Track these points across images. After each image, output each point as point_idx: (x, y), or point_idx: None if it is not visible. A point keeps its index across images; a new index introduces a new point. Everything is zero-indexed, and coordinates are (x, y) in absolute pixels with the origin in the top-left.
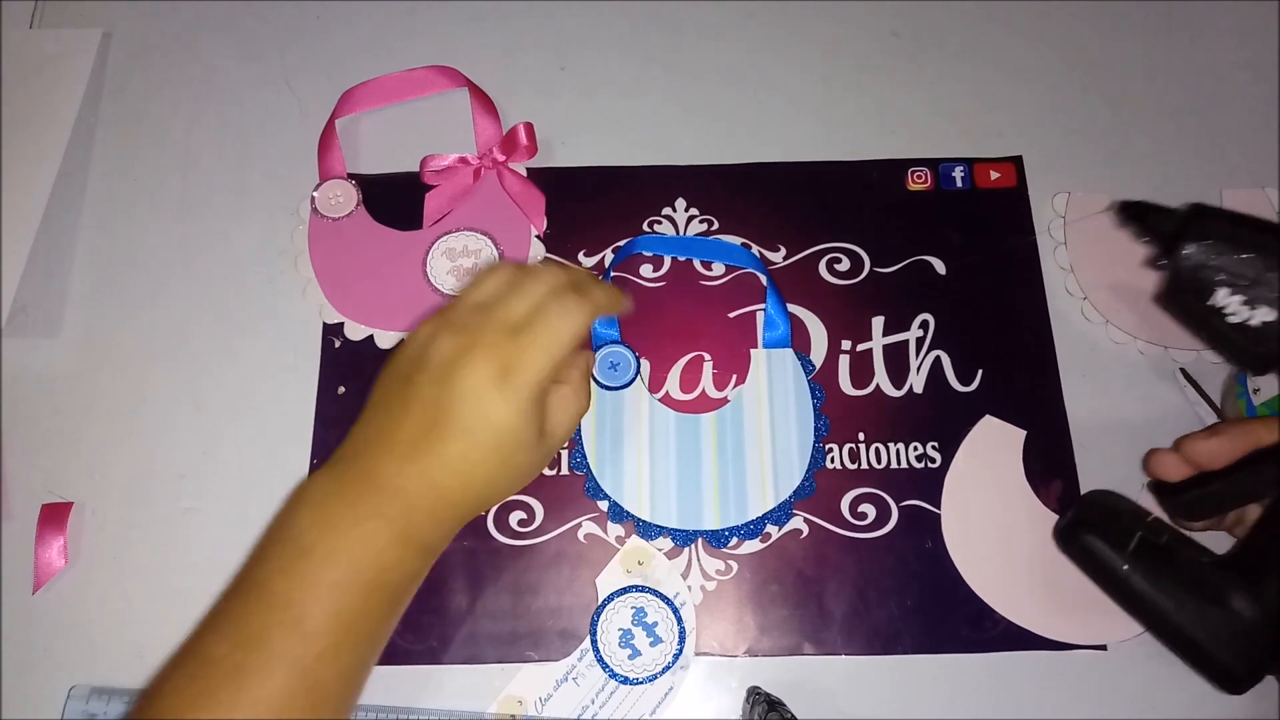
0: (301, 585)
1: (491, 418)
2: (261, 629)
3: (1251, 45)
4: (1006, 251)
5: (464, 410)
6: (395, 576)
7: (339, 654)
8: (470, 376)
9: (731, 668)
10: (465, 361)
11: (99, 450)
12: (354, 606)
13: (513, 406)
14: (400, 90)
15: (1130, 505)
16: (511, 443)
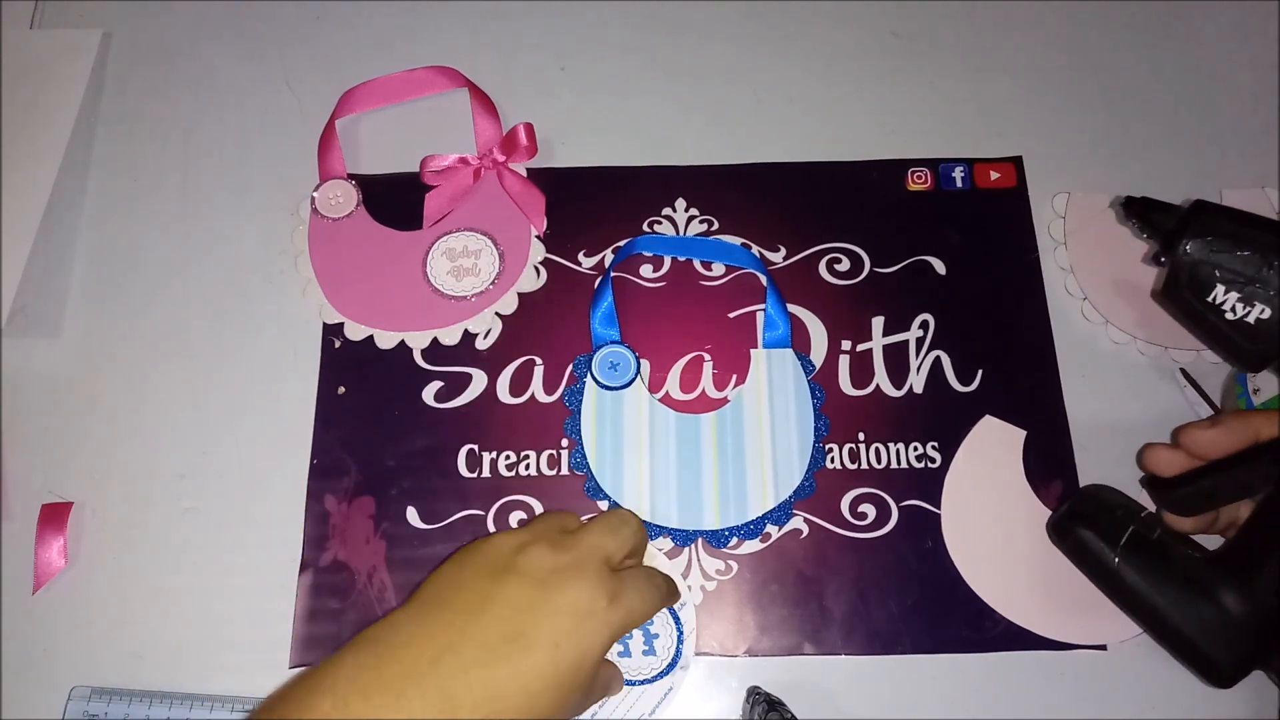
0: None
1: (583, 641)
2: None
3: (1251, 45)
4: (1009, 264)
5: (561, 624)
6: None
7: None
8: (576, 593)
9: (731, 668)
10: (573, 578)
11: (99, 450)
12: None
13: (603, 637)
14: (400, 90)
15: (1124, 500)
16: (586, 674)
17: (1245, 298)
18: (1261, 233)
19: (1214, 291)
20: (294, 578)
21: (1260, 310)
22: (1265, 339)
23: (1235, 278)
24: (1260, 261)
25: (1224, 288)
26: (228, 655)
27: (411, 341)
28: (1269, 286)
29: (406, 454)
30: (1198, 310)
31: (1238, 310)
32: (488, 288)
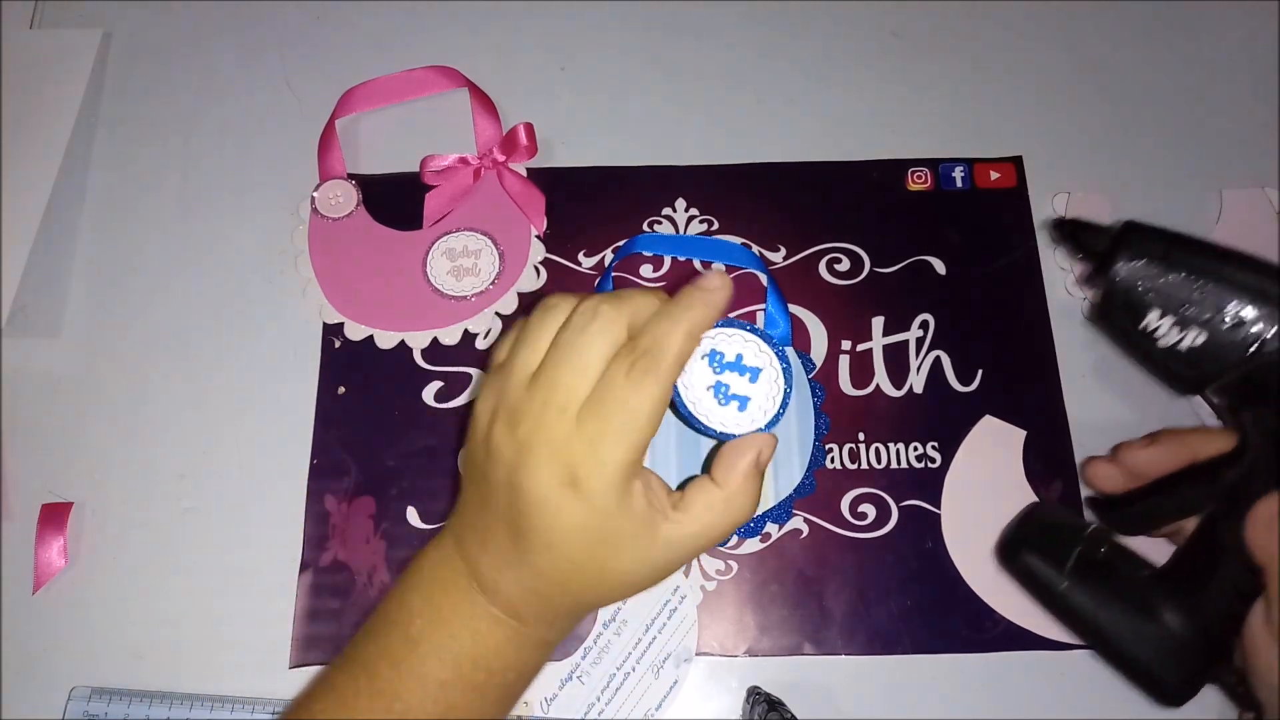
0: (409, 679)
1: (571, 527)
2: (365, 715)
3: (1251, 45)
4: (1007, 261)
5: (540, 524)
6: (503, 677)
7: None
8: (536, 486)
9: (731, 668)
10: (527, 465)
11: (99, 450)
12: (461, 702)
13: (593, 510)
14: (400, 90)
15: (1069, 518)
16: (608, 544)
17: (1179, 322)
18: (1195, 255)
19: (1147, 317)
20: (294, 578)
21: (1194, 336)
22: (1198, 366)
23: (1168, 302)
24: (1194, 285)
25: (1158, 312)
26: (228, 655)
27: (411, 341)
28: (1202, 311)
29: (406, 454)
30: (1131, 336)
31: (1171, 336)
32: (488, 287)
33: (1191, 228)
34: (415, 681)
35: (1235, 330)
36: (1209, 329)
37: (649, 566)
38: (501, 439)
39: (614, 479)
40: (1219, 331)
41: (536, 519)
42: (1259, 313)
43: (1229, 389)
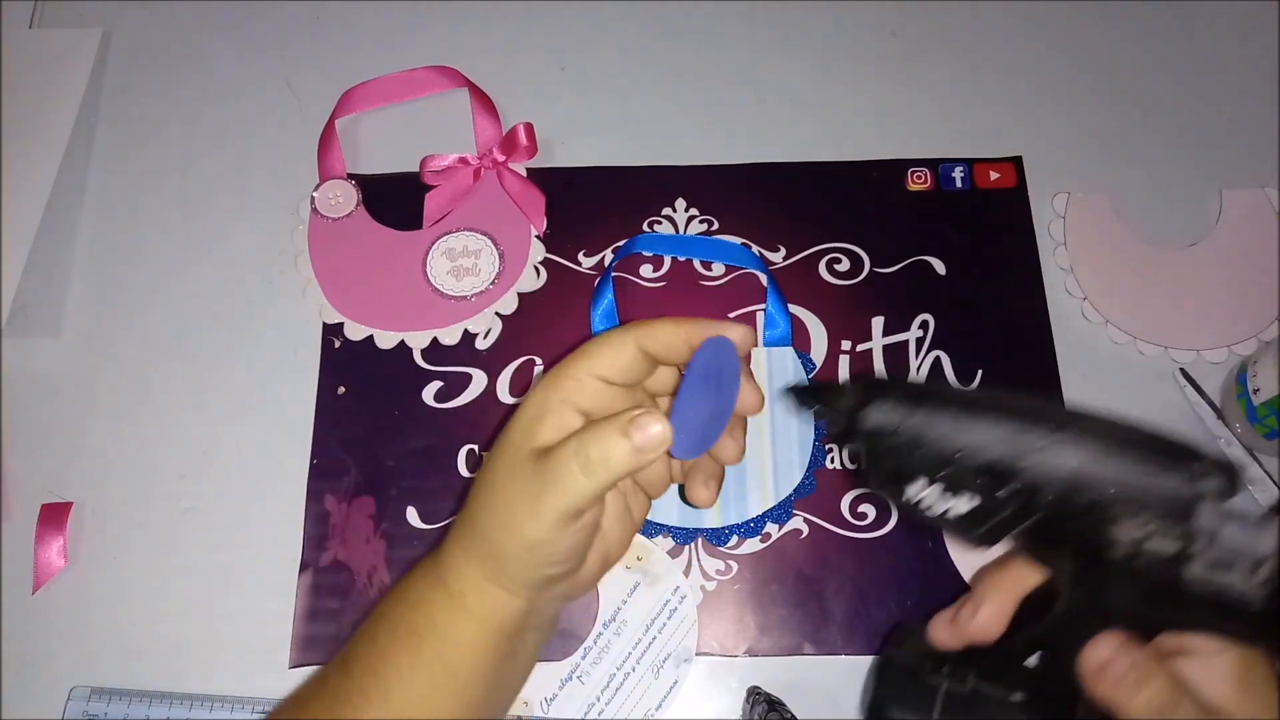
0: (362, 640)
1: (508, 431)
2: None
3: (1251, 45)
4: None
5: None
6: (442, 648)
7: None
8: None
9: (731, 668)
10: None
11: (99, 450)
12: (399, 662)
13: (519, 417)
14: (400, 90)
15: (928, 652)
16: (490, 467)
17: (948, 487)
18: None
19: (910, 488)
20: (294, 578)
21: (965, 502)
22: (978, 527)
23: (926, 465)
24: (951, 444)
25: (922, 482)
26: (228, 655)
27: (411, 341)
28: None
29: (406, 454)
30: (900, 506)
31: (939, 505)
32: (488, 287)
33: (1192, 228)
34: (367, 638)
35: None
36: (980, 491)
37: (516, 495)
38: None
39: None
40: (989, 494)
41: None
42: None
43: (1020, 541)
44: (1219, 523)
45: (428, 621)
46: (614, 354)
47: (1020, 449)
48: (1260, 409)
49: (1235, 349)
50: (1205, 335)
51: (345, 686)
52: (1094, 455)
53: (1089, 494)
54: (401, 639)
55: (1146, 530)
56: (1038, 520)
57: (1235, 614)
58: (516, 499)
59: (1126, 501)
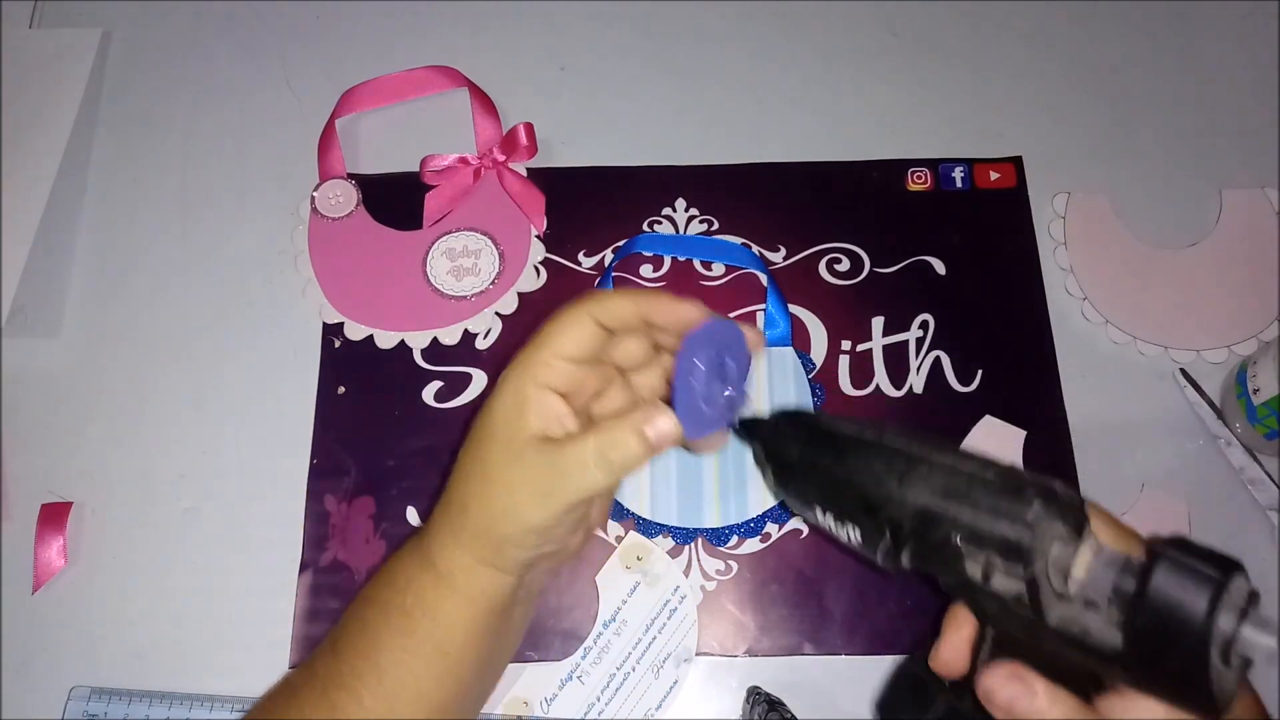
0: (352, 621)
1: (489, 410)
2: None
3: (1251, 45)
4: (1009, 264)
5: (478, 420)
6: (428, 624)
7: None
8: None
9: (731, 668)
10: None
11: (99, 450)
12: (388, 644)
13: (488, 412)
14: (400, 90)
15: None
16: (483, 447)
17: (837, 516)
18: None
19: (811, 514)
20: (294, 578)
21: (854, 531)
22: (871, 555)
23: (819, 496)
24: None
25: (819, 509)
26: (228, 655)
27: (411, 341)
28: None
29: (406, 454)
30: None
31: (837, 532)
32: (488, 287)
33: (1192, 228)
34: (356, 622)
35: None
36: (858, 523)
37: (520, 482)
38: None
39: (532, 369)
40: (867, 525)
41: (479, 418)
42: (886, 497)
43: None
44: (1071, 561)
45: (418, 603)
46: (575, 334)
47: (883, 484)
48: (1260, 409)
49: (1235, 349)
50: (1205, 335)
51: (336, 669)
52: (940, 492)
53: (938, 530)
54: (393, 621)
55: (990, 567)
56: (912, 552)
57: (1099, 654)
58: (521, 488)
59: (968, 539)
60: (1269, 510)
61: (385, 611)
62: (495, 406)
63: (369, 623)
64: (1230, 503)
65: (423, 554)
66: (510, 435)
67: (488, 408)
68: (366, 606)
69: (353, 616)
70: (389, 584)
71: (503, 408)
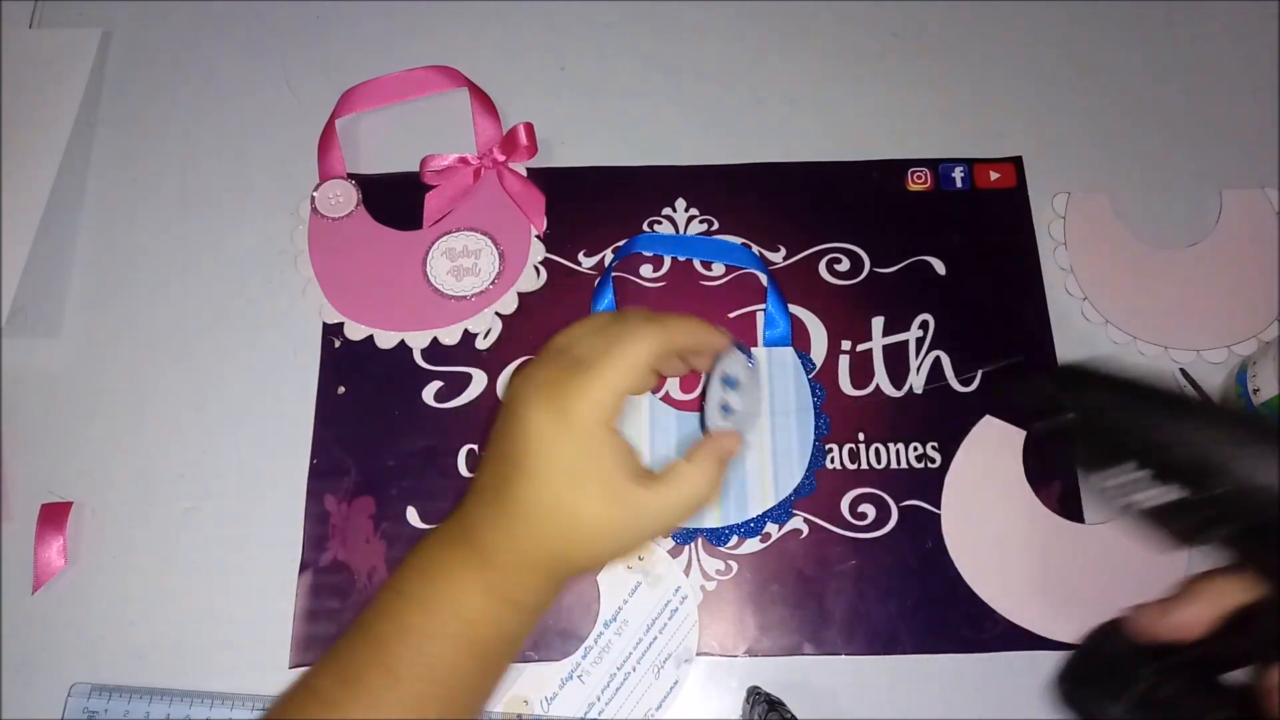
0: (397, 629)
1: (553, 457)
2: (359, 668)
3: (1251, 45)
4: (1009, 264)
5: (519, 448)
6: (484, 632)
7: (424, 703)
8: (532, 416)
9: (731, 668)
10: (527, 399)
11: (99, 450)
12: (441, 656)
13: (574, 444)
14: (400, 90)
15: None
16: (580, 488)
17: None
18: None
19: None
20: (294, 578)
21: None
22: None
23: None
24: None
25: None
26: (228, 655)
27: (411, 341)
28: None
29: (406, 454)
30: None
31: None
32: (488, 287)
33: (1192, 228)
34: (402, 631)
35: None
36: (1187, 484)
37: (619, 526)
38: (515, 388)
39: (590, 418)
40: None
41: (524, 447)
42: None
43: (1227, 548)
44: None
45: (498, 635)
46: (639, 379)
47: (1234, 451)
48: (1261, 409)
49: (1235, 349)
50: (1205, 335)
51: (398, 695)
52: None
53: None
54: (463, 652)
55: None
56: (1242, 528)
57: None
58: (609, 528)
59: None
60: None
61: (457, 645)
62: (562, 444)
63: (443, 659)
64: None
65: (499, 593)
66: (612, 483)
67: (549, 443)
68: (431, 642)
69: (416, 651)
70: (456, 616)
71: (579, 452)
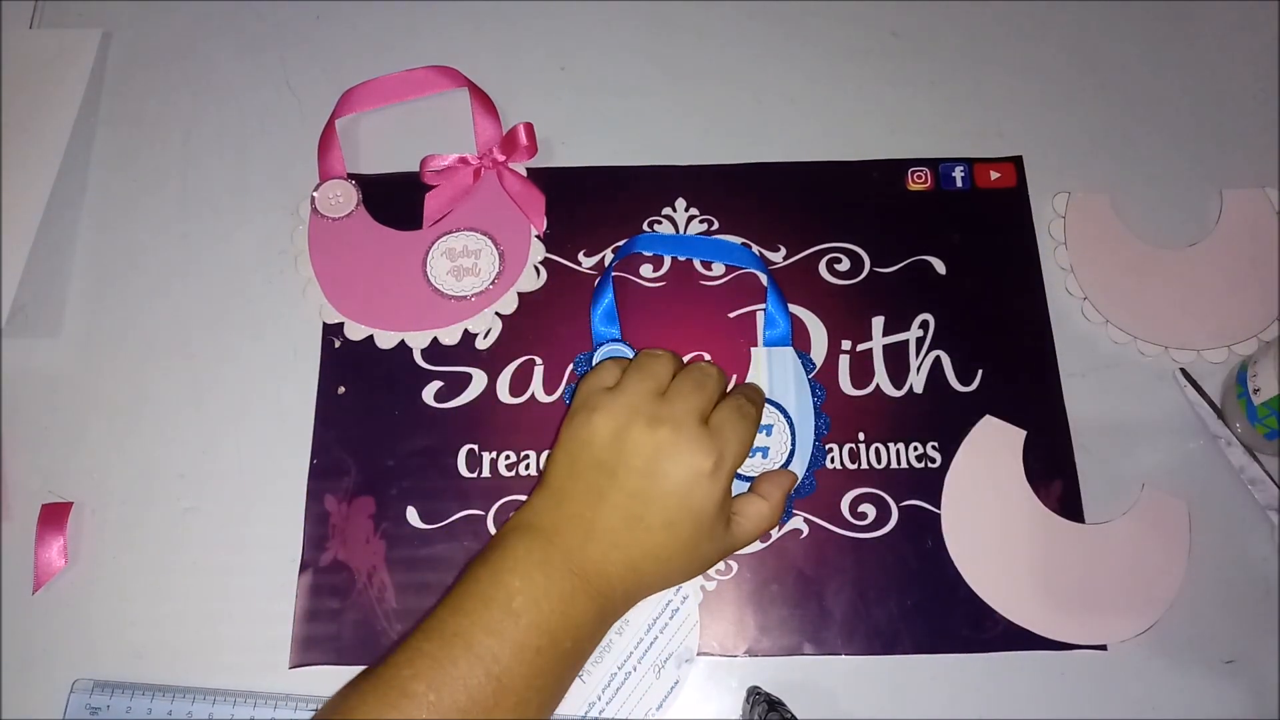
0: (508, 647)
1: (695, 509)
2: (464, 678)
3: (1251, 45)
4: (1009, 264)
5: (670, 504)
6: (588, 646)
7: (525, 707)
8: (678, 471)
9: (731, 668)
10: (671, 455)
11: (99, 450)
12: (549, 668)
13: (713, 498)
14: (400, 90)
15: None
16: (706, 532)
17: None
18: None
19: None
20: (294, 578)
21: None
22: None
23: None
24: None
25: None
26: (228, 655)
27: (411, 341)
28: None
29: (406, 454)
30: None
31: None
32: (488, 287)
33: (1192, 228)
34: (514, 649)
35: None
36: None
37: (715, 554)
38: (639, 438)
39: (731, 477)
40: None
41: (666, 500)
42: None
43: None
44: None
45: (590, 652)
46: None
47: None
48: (1260, 409)
49: (1235, 349)
50: (1205, 335)
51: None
52: None
53: None
54: (568, 668)
55: None
56: None
57: None
58: (712, 556)
59: None
60: (1269, 510)
61: (566, 662)
62: (711, 498)
63: (554, 674)
64: (1230, 503)
65: (609, 619)
66: (715, 529)
67: (704, 496)
68: (543, 658)
69: (530, 668)
70: (571, 639)
71: (718, 504)
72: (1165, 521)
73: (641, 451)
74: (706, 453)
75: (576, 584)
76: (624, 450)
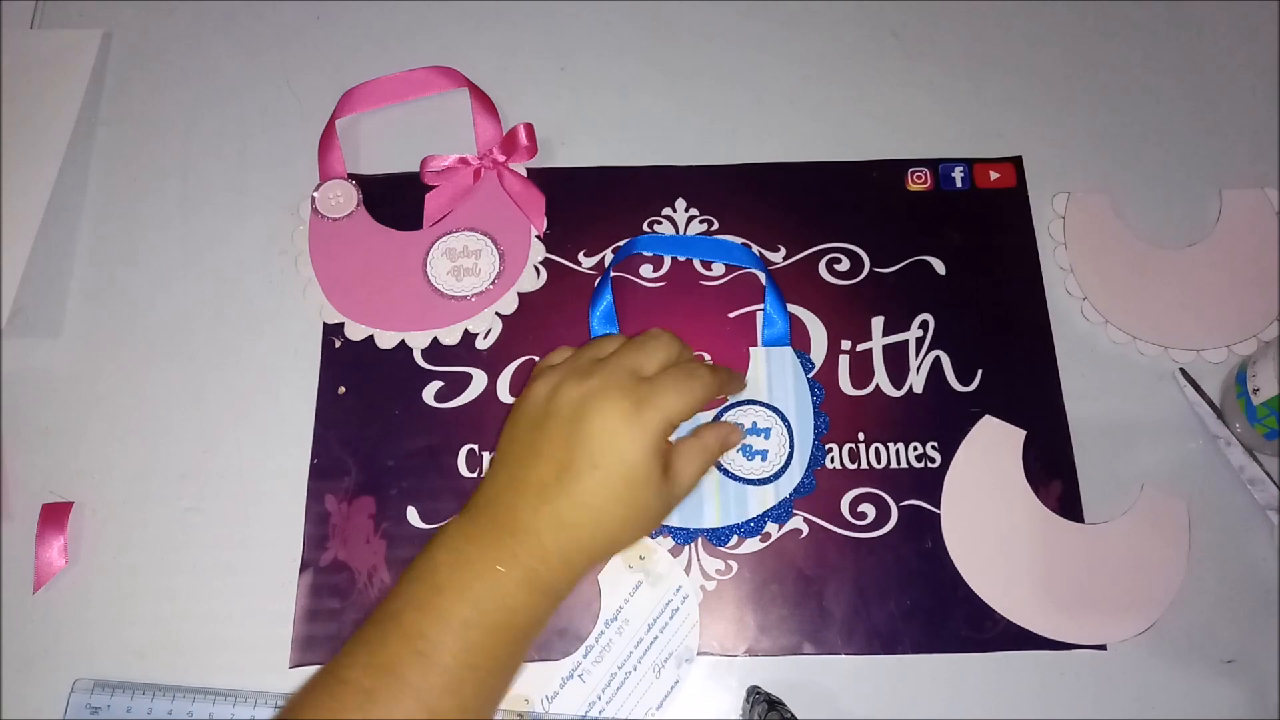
0: (433, 620)
1: (622, 452)
2: (394, 658)
3: (1251, 45)
4: (1009, 264)
5: (594, 445)
6: (522, 619)
7: (462, 688)
8: (601, 414)
9: (731, 667)
10: (597, 400)
11: (99, 450)
12: (480, 643)
13: (640, 442)
14: (400, 90)
15: None
16: (640, 479)
17: None
18: None
19: None
20: (294, 578)
21: None
22: None
23: None
24: None
25: None
26: (228, 655)
27: (411, 341)
28: None
29: (406, 454)
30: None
31: None
32: (488, 287)
33: (1192, 228)
34: (440, 621)
35: None
36: None
37: (659, 504)
38: (570, 390)
39: (660, 424)
40: None
41: (591, 443)
42: None
43: None
44: None
45: (534, 624)
46: (693, 411)
47: None
48: (1260, 409)
49: (1235, 349)
50: (1205, 335)
51: (435, 679)
52: None
53: None
54: (502, 639)
55: None
56: None
57: None
58: (654, 506)
59: None
60: (1269, 510)
61: (497, 632)
62: (636, 445)
63: (483, 646)
64: (1230, 503)
65: (542, 583)
66: (652, 473)
67: (625, 444)
68: (471, 630)
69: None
70: (498, 605)
71: (648, 452)
72: (1165, 521)
73: (570, 401)
74: (633, 398)
75: (503, 553)
76: (555, 403)
